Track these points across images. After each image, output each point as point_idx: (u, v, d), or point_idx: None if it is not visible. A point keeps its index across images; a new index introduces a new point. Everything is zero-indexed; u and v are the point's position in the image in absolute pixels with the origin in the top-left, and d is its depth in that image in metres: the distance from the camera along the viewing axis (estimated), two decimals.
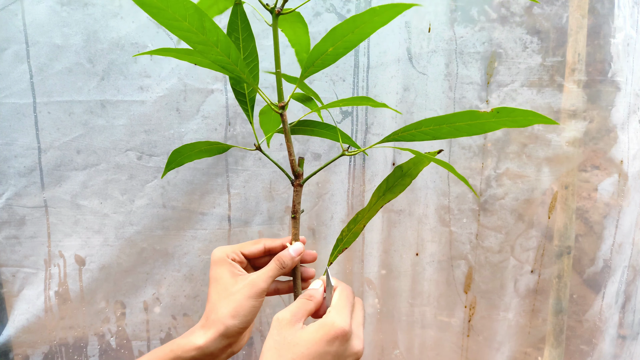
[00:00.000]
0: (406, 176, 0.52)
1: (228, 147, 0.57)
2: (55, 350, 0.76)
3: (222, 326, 0.46)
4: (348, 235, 0.54)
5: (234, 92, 0.53)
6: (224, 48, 0.39)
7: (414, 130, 0.45)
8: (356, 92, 0.75)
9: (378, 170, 0.79)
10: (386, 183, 0.52)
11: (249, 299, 0.47)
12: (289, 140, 0.50)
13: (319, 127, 0.56)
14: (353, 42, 0.39)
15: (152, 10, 0.35)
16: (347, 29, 0.38)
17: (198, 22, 0.36)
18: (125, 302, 0.77)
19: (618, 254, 0.83)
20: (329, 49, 0.40)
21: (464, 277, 0.84)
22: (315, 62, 0.42)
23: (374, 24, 0.37)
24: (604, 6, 0.74)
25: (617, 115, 0.77)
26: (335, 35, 0.39)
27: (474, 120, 0.42)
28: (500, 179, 0.80)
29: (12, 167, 0.69)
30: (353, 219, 0.54)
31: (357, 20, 0.37)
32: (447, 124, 0.43)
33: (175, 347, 0.46)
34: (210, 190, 0.75)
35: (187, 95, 0.71)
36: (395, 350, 0.86)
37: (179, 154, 0.56)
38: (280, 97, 0.48)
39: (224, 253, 0.50)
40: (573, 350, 0.85)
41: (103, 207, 0.73)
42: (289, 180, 0.53)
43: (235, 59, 0.41)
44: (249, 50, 0.47)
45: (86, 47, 0.67)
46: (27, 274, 0.73)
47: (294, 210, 0.53)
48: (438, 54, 0.75)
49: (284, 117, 0.49)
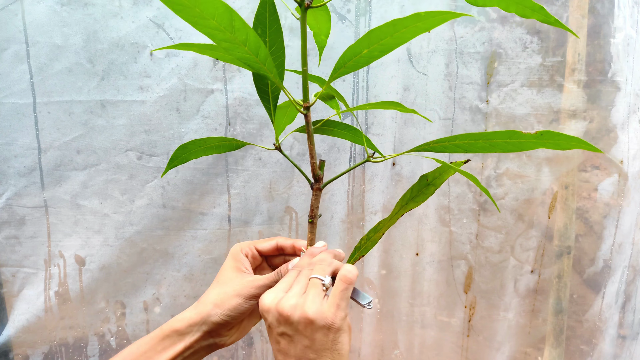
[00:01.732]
0: (430, 185, 0.51)
1: (243, 144, 0.54)
2: (55, 350, 0.76)
3: (205, 311, 0.47)
4: (367, 244, 0.53)
5: (257, 89, 0.50)
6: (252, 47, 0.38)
7: (447, 143, 0.44)
8: (356, 92, 0.75)
9: (378, 171, 0.79)
10: (410, 192, 0.51)
11: (236, 296, 0.47)
12: (311, 142, 0.48)
13: (342, 129, 0.54)
14: (390, 46, 0.38)
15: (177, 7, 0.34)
16: (387, 32, 0.36)
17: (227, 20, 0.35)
18: (125, 302, 0.77)
19: (618, 254, 0.83)
20: (364, 51, 0.38)
21: (464, 277, 0.84)
22: (348, 63, 0.40)
23: (416, 29, 0.35)
24: (604, 6, 0.74)
25: (617, 115, 0.77)
26: (371, 37, 0.37)
27: (514, 139, 0.41)
28: (500, 179, 0.80)
29: (12, 167, 0.69)
30: (374, 228, 0.52)
31: (397, 24, 0.35)
32: (484, 140, 0.43)
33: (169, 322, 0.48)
34: (210, 190, 0.75)
35: (187, 95, 0.71)
36: (395, 350, 0.86)
37: (185, 150, 0.53)
38: (306, 97, 0.45)
39: (240, 247, 0.51)
40: (573, 350, 0.85)
41: (103, 207, 0.73)
42: (309, 184, 0.51)
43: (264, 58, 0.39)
44: (276, 45, 0.44)
45: (86, 47, 0.67)
46: (27, 274, 0.73)
47: (312, 215, 0.51)
48: (438, 54, 0.75)
49: (308, 117, 0.47)
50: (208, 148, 0.53)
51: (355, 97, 0.75)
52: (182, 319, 0.48)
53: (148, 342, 0.47)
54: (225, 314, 0.47)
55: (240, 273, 0.49)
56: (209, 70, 0.71)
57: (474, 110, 0.78)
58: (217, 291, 0.48)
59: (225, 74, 0.71)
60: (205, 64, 0.71)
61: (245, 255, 0.51)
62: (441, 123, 0.78)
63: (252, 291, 0.47)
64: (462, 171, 0.44)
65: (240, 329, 0.52)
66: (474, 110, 0.78)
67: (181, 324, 0.47)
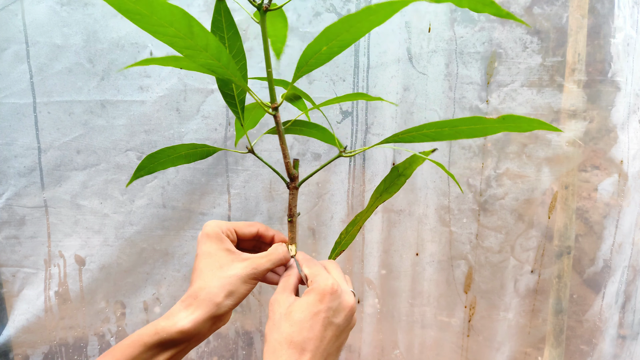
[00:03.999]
0: (401, 176, 0.52)
1: (215, 150, 0.52)
2: (55, 350, 0.76)
3: (214, 306, 0.44)
4: (346, 238, 0.54)
5: (222, 94, 0.49)
6: (214, 52, 0.38)
7: (415, 133, 0.45)
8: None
9: (378, 170, 0.79)
10: (384, 184, 0.53)
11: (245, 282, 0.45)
12: (283, 142, 0.49)
13: (310, 128, 0.55)
14: (348, 41, 0.38)
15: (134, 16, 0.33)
16: (342, 28, 0.37)
17: (186, 27, 0.35)
18: (125, 302, 0.77)
19: (618, 254, 0.83)
20: (323, 48, 0.39)
21: (464, 277, 0.84)
22: (309, 61, 0.41)
23: (370, 22, 0.36)
24: (604, 6, 0.74)
25: (617, 115, 0.77)
26: (329, 34, 0.38)
27: (478, 125, 0.42)
28: (500, 179, 0.80)
29: (12, 167, 0.69)
30: (352, 222, 0.54)
31: (351, 19, 0.36)
32: (449, 127, 0.43)
33: (160, 329, 0.43)
34: (210, 190, 0.75)
35: (187, 95, 0.71)
36: (395, 350, 0.86)
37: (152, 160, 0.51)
38: (273, 98, 0.46)
39: (219, 227, 0.48)
40: (573, 350, 0.85)
41: (103, 207, 0.73)
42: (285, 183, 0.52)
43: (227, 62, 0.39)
44: (236, 49, 0.45)
45: (86, 47, 0.67)
46: (27, 274, 0.73)
47: (290, 214, 0.52)
48: (438, 54, 0.75)
49: (277, 118, 0.47)
50: (177, 157, 0.51)
51: None
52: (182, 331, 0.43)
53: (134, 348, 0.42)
54: (236, 302, 0.45)
55: (234, 255, 0.47)
56: None
57: (474, 110, 0.78)
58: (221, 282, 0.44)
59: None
60: None
61: (227, 236, 0.49)
62: None
63: (258, 274, 0.46)
64: (430, 159, 0.46)
65: None
66: (474, 110, 0.78)
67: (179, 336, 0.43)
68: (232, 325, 0.82)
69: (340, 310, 0.45)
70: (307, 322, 0.43)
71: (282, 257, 0.48)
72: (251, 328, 0.83)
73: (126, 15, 0.33)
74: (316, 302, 0.44)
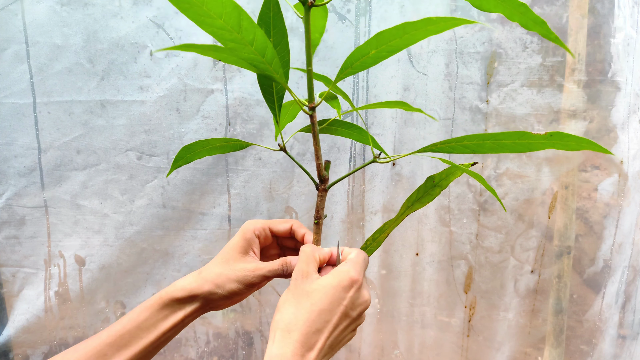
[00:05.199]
0: (437, 187, 0.51)
1: (247, 145, 0.54)
2: (55, 350, 0.76)
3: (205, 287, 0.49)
4: (372, 244, 0.54)
5: (262, 90, 0.50)
6: (259, 47, 0.37)
7: (455, 144, 0.45)
8: (356, 92, 0.75)
9: (378, 171, 0.79)
10: (417, 193, 0.52)
11: (237, 282, 0.49)
12: (317, 143, 0.48)
13: (347, 128, 0.54)
14: (398, 47, 0.38)
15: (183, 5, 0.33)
16: (396, 34, 0.37)
17: (235, 20, 0.35)
18: (125, 302, 0.77)
19: (618, 254, 0.83)
20: (372, 52, 0.39)
21: (464, 277, 0.84)
22: (355, 63, 0.40)
23: (426, 32, 0.36)
24: (604, 6, 0.74)
25: (617, 115, 0.77)
26: (381, 38, 0.37)
27: (522, 140, 0.41)
28: (500, 179, 0.80)
29: (12, 167, 0.69)
30: (379, 229, 0.53)
31: (407, 27, 0.35)
32: (492, 140, 0.43)
33: (163, 293, 0.49)
34: (210, 190, 0.75)
35: (187, 95, 0.71)
36: (395, 350, 0.86)
37: (188, 150, 0.53)
38: (311, 98, 0.45)
39: (254, 226, 0.52)
40: (573, 350, 0.85)
41: (103, 207, 0.73)
42: (314, 185, 0.51)
43: (270, 59, 0.39)
44: (280, 45, 0.44)
45: (86, 47, 0.67)
46: (27, 274, 0.73)
47: (317, 216, 0.51)
48: (438, 54, 0.75)
49: (314, 118, 0.46)
50: (212, 148, 0.53)
51: (355, 97, 0.75)
52: (183, 288, 0.49)
53: (148, 308, 0.48)
54: (224, 295, 0.49)
55: (245, 256, 0.50)
56: (209, 70, 0.71)
57: (474, 110, 0.78)
58: (220, 271, 0.49)
59: (225, 74, 0.71)
60: (205, 64, 0.71)
61: (257, 236, 0.52)
62: (441, 123, 0.78)
63: (253, 280, 0.49)
64: (471, 172, 0.45)
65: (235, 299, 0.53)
66: (474, 110, 0.78)
67: (182, 293, 0.48)
68: (232, 325, 0.82)
69: (358, 305, 0.45)
70: (328, 306, 0.43)
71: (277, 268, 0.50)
72: (251, 328, 0.83)
73: (175, 3, 0.33)
74: (341, 289, 0.44)
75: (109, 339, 0.46)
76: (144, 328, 0.47)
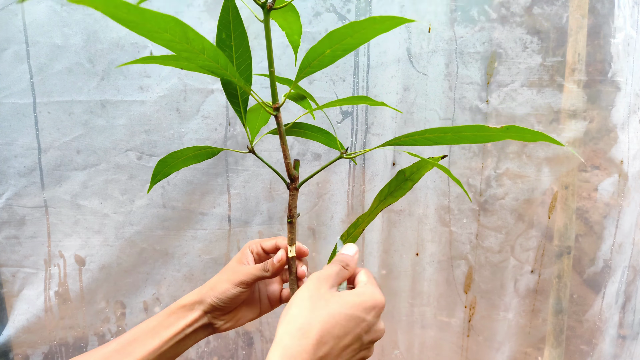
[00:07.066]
0: (408, 180, 0.52)
1: (218, 151, 0.54)
2: (55, 350, 0.76)
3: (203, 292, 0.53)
4: (348, 240, 0.54)
5: (226, 94, 0.50)
6: (211, 55, 0.38)
7: (417, 136, 0.46)
8: (356, 92, 0.75)
9: (378, 171, 0.79)
10: (388, 187, 0.52)
11: (226, 282, 0.53)
12: (284, 143, 0.49)
13: (312, 131, 0.55)
14: (351, 46, 0.40)
15: (130, 24, 0.33)
16: (346, 33, 0.38)
17: (180, 33, 0.35)
18: (125, 302, 0.77)
19: (618, 254, 0.83)
20: (327, 51, 0.40)
21: (464, 277, 0.84)
22: (312, 62, 0.42)
23: (374, 30, 0.38)
24: (604, 6, 0.74)
25: (617, 115, 0.77)
26: (333, 38, 0.39)
27: (481, 132, 0.43)
28: (500, 179, 0.80)
29: (12, 167, 0.69)
30: (353, 224, 0.53)
31: (355, 26, 0.37)
32: (452, 133, 0.44)
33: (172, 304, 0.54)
34: (210, 190, 0.75)
35: (187, 95, 0.71)
36: (395, 350, 0.86)
37: (164, 164, 0.53)
38: (275, 98, 0.46)
39: (249, 243, 0.58)
40: (573, 350, 0.85)
41: (103, 207, 0.73)
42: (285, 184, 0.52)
43: (225, 64, 0.39)
44: (241, 49, 0.45)
45: (86, 47, 0.67)
46: (27, 274, 0.73)
47: (290, 215, 0.51)
48: (438, 54, 0.75)
49: (278, 118, 0.47)
50: (187, 159, 0.54)
51: None
52: (188, 297, 0.53)
53: (157, 318, 0.52)
54: (216, 296, 0.52)
55: (240, 264, 0.55)
56: None
57: (474, 110, 0.78)
58: (217, 277, 0.54)
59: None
60: None
61: (251, 251, 0.56)
62: (441, 123, 0.78)
63: (240, 277, 0.52)
64: (439, 165, 0.46)
65: (235, 319, 0.55)
66: (474, 110, 0.78)
67: (186, 300, 0.53)
68: None
69: (374, 332, 0.44)
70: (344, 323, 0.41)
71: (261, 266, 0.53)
72: (251, 328, 0.83)
73: (121, 23, 0.33)
74: (363, 309, 0.43)
75: (118, 346, 0.49)
76: (149, 334, 0.51)
